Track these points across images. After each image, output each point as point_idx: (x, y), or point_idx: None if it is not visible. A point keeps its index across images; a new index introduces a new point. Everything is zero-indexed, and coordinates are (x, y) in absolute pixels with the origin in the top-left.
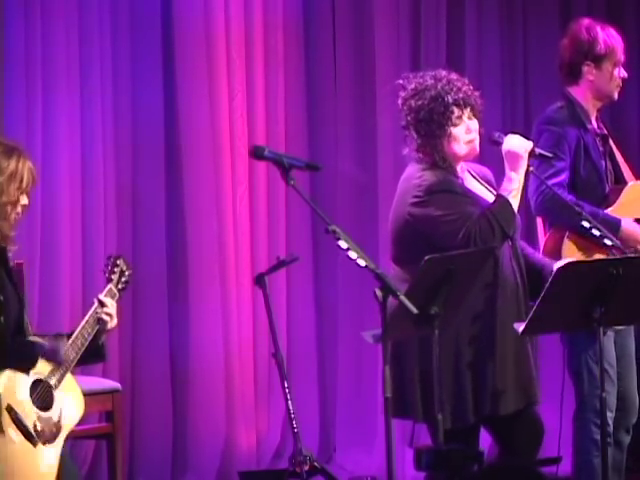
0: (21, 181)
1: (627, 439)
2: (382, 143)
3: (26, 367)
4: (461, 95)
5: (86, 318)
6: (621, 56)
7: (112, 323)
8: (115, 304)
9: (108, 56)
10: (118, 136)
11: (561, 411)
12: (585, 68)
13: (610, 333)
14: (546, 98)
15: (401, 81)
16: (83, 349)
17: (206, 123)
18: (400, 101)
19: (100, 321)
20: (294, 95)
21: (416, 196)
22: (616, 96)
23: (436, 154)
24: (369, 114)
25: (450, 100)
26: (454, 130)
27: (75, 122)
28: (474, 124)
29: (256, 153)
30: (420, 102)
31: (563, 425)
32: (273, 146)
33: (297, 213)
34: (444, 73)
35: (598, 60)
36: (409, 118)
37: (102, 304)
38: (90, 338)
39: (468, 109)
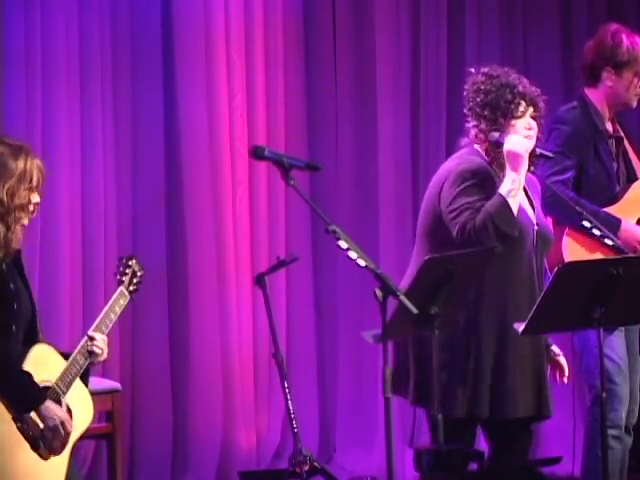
0: (30, 181)
1: (629, 440)
2: (382, 143)
3: (21, 408)
4: (529, 91)
5: (75, 353)
6: None
7: (103, 356)
8: (106, 338)
9: (108, 57)
10: (118, 136)
11: (574, 410)
12: (605, 73)
13: (621, 327)
14: (546, 99)
15: (472, 69)
16: (77, 376)
17: (206, 123)
18: (468, 86)
19: (92, 354)
20: (294, 95)
21: (448, 178)
22: (634, 104)
23: (492, 144)
24: (369, 114)
25: (519, 91)
26: (517, 122)
27: (75, 122)
28: (535, 124)
29: (256, 153)
30: (490, 87)
31: (577, 425)
32: (273, 146)
33: (297, 213)
34: (513, 72)
35: (619, 67)
36: (478, 99)
37: (91, 338)
38: (82, 370)
39: (532, 108)
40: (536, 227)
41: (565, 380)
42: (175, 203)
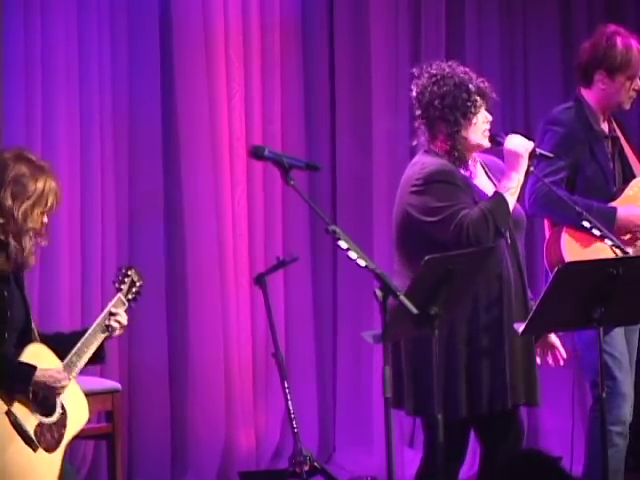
0: (45, 204)
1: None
2: (379, 144)
3: (16, 390)
4: (481, 85)
5: (92, 327)
6: (637, 69)
7: (120, 331)
8: (125, 314)
9: (107, 56)
10: (117, 136)
11: (573, 410)
12: (597, 76)
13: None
14: (546, 97)
15: (415, 70)
16: (87, 357)
17: (204, 123)
18: (417, 89)
19: (109, 328)
20: (291, 95)
21: (415, 184)
22: (628, 106)
23: (452, 142)
24: (366, 114)
25: (473, 88)
26: (476, 117)
27: (74, 123)
28: (489, 115)
29: (256, 153)
30: (445, 88)
31: (576, 425)
32: (270, 146)
33: (295, 213)
34: (457, 65)
35: (611, 70)
36: (435, 103)
37: (112, 314)
38: (94, 348)
39: (485, 100)
40: None
41: (561, 363)
42: (173, 204)
